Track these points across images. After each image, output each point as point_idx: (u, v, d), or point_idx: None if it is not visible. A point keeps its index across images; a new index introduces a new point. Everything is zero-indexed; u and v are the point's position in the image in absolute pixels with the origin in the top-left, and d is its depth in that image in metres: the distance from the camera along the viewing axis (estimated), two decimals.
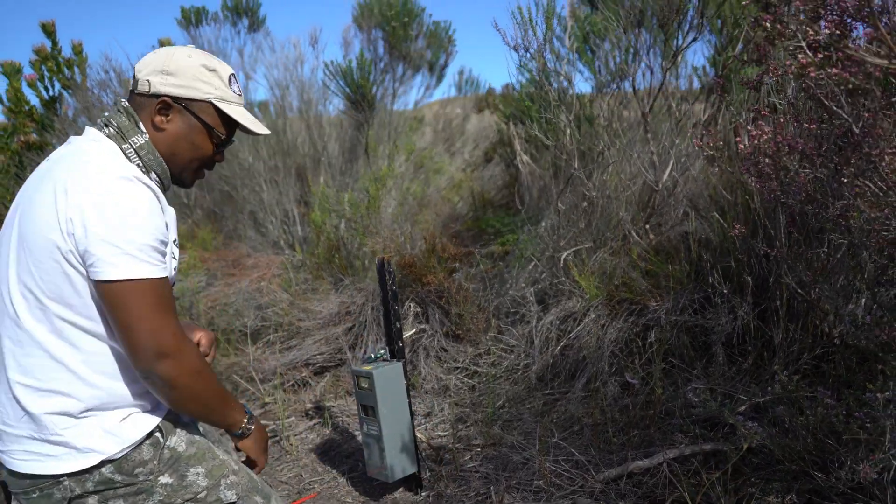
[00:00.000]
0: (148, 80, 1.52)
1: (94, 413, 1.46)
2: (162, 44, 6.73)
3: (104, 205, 1.37)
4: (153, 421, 1.51)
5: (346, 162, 5.57)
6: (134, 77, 1.57)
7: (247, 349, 3.51)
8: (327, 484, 2.60)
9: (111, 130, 1.52)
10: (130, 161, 1.50)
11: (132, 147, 1.51)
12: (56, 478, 1.45)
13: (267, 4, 5.85)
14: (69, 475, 1.45)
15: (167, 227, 1.46)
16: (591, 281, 2.94)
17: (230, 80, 1.57)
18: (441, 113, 7.71)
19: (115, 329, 1.41)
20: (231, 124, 1.58)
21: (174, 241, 1.56)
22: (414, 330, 3.26)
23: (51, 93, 7.38)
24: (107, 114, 1.57)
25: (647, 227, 3.10)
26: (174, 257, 1.54)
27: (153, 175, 1.54)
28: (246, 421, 1.60)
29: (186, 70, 1.52)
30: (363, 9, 5.15)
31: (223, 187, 5.52)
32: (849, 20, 1.34)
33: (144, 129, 1.54)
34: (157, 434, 1.52)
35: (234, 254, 4.46)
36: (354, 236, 3.90)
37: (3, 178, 7.33)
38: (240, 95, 1.60)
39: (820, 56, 1.39)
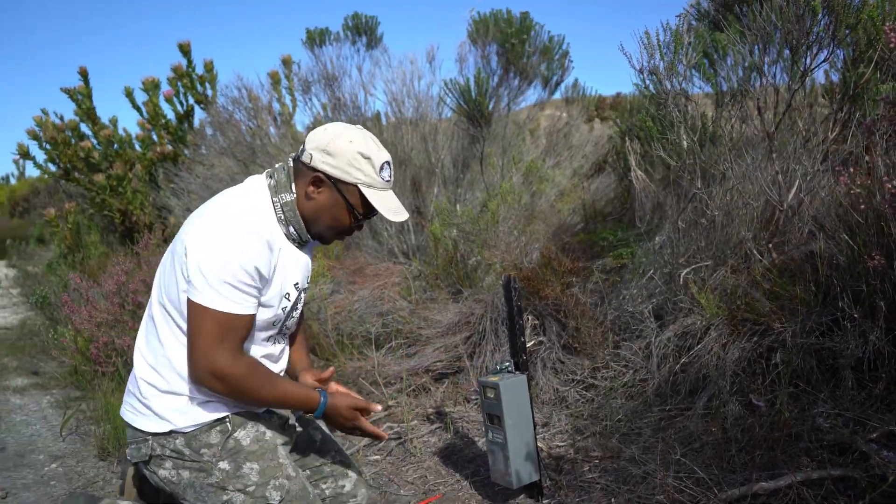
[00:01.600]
0: (311, 154, 1.76)
1: (174, 394, 1.75)
2: (284, 61, 7.15)
3: (214, 241, 1.63)
4: (224, 411, 1.79)
5: (459, 173, 5.74)
6: (303, 145, 1.80)
7: (371, 354, 3.72)
8: (451, 486, 2.74)
9: (272, 182, 1.79)
10: (275, 212, 1.77)
11: (279, 202, 1.77)
12: (143, 434, 1.77)
13: (385, 23, 6.11)
14: (152, 435, 1.76)
15: (274, 269, 1.72)
16: (712, 299, 2.95)
17: (382, 168, 1.77)
18: (550, 123, 7.76)
19: (186, 339, 1.70)
20: (371, 206, 1.78)
21: (295, 285, 1.84)
22: (532, 342, 3.37)
23: (184, 107, 7.98)
24: (277, 165, 1.84)
25: (770, 246, 3.07)
26: (287, 299, 1.82)
27: (291, 229, 1.79)
28: (318, 410, 1.81)
29: (344, 154, 1.73)
30: (478, 25, 5.30)
31: None
32: None
33: (295, 191, 1.78)
34: (227, 423, 1.79)
35: (356, 263, 4.70)
36: (471, 248, 4.05)
37: (141, 185, 7.98)
38: (388, 181, 1.80)
39: None
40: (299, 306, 1.93)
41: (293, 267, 1.83)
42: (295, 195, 1.78)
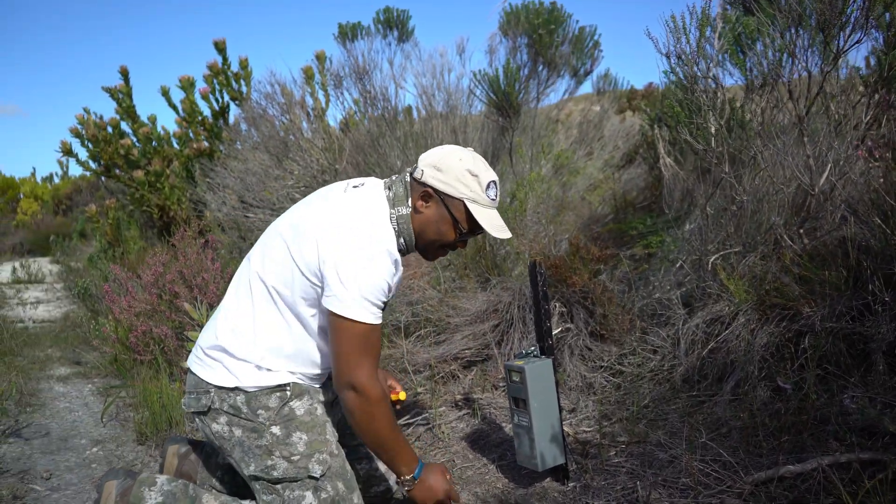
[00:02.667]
0: (423, 170, 1.87)
1: (246, 361, 1.86)
2: (318, 57, 7.24)
3: (358, 258, 1.72)
4: (287, 378, 1.89)
5: (489, 164, 5.75)
6: (417, 162, 1.92)
7: (400, 342, 3.76)
8: (478, 470, 2.77)
9: (390, 194, 1.89)
10: (391, 223, 1.86)
11: (396, 214, 1.87)
12: (207, 385, 1.87)
13: (416, 16, 6.16)
14: (216, 388, 1.86)
15: (393, 287, 1.82)
16: (741, 285, 2.93)
17: (488, 186, 1.87)
18: (580, 112, 7.74)
19: (330, 348, 1.80)
20: (476, 222, 1.87)
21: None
22: (559, 329, 3.38)
23: (220, 104, 8.13)
24: (395, 177, 1.94)
25: (802, 231, 3.04)
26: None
27: (401, 240, 1.89)
28: (409, 477, 1.86)
29: (453, 170, 1.84)
30: (509, 16, 5.31)
31: None
32: None
33: (410, 205, 1.88)
34: (287, 391, 1.89)
35: None
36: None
37: (178, 181, 8.15)
38: (493, 200, 1.89)
39: None
40: None
41: (399, 279, 1.94)
42: (410, 209, 1.88)
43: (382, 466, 2.23)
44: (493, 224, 1.88)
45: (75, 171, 19.70)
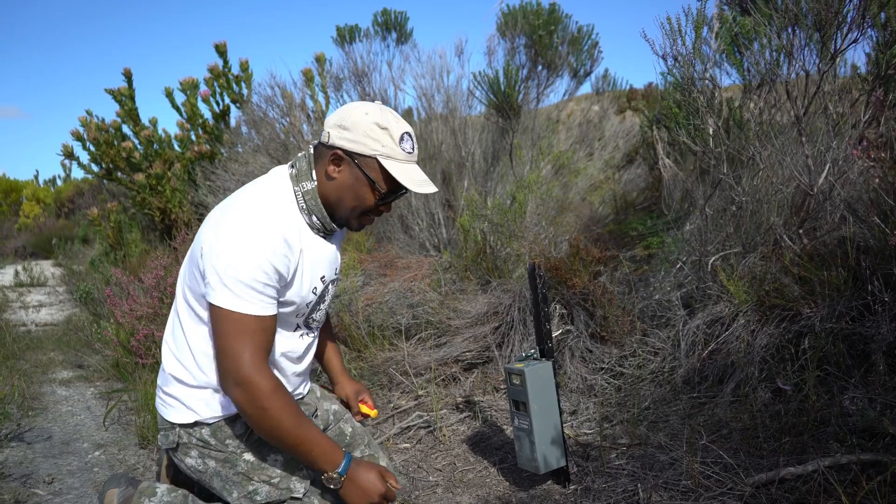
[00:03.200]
0: (328, 132, 1.70)
1: (200, 387, 1.75)
2: (317, 59, 7.24)
3: (230, 240, 1.59)
4: None
5: (489, 166, 5.76)
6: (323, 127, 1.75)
7: (401, 345, 3.77)
8: (479, 473, 2.77)
9: (293, 171, 1.74)
10: (297, 202, 1.72)
11: (300, 190, 1.72)
12: (170, 423, 1.79)
13: (414, 18, 6.16)
14: (179, 425, 1.78)
15: (285, 269, 1.64)
16: (741, 286, 2.93)
17: (402, 139, 1.68)
18: (580, 112, 7.74)
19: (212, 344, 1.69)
20: (395, 180, 1.68)
21: (322, 278, 1.79)
22: (560, 331, 3.38)
23: (221, 107, 8.14)
24: (300, 154, 1.78)
25: (801, 231, 3.04)
26: (314, 293, 1.78)
27: (314, 218, 1.73)
28: (334, 474, 1.66)
29: (359, 126, 1.66)
30: (507, 17, 5.31)
31: None
32: None
33: (315, 177, 1.72)
34: None
35: (387, 256, 4.76)
36: (500, 240, 4.07)
37: (179, 184, 8.16)
38: (410, 153, 1.71)
39: None
40: (327, 298, 1.90)
41: (320, 260, 1.79)
42: (316, 182, 1.72)
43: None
44: (414, 179, 1.69)
45: (77, 173, 19.73)
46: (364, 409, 2.22)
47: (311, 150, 1.77)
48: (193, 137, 8.24)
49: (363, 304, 4.02)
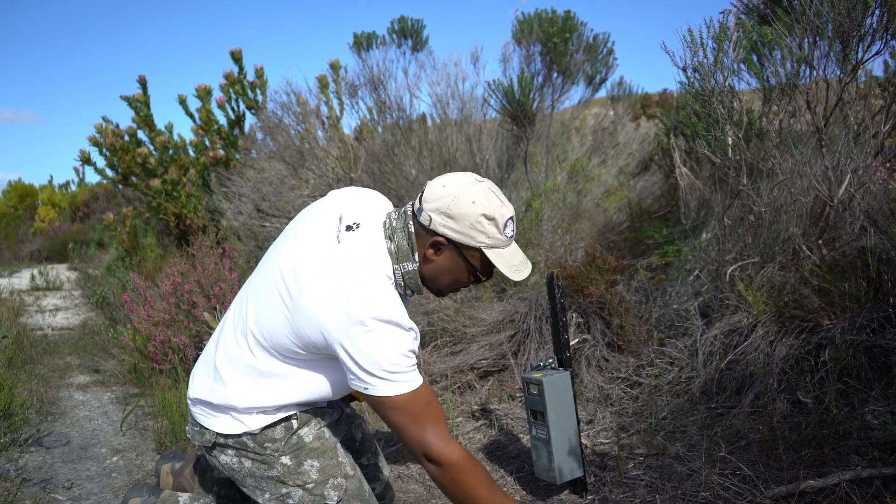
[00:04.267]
0: (430, 216, 1.65)
1: (259, 412, 1.77)
2: (332, 66, 7.28)
3: (373, 341, 1.55)
4: (292, 410, 1.80)
5: (504, 173, 5.77)
6: (420, 202, 1.68)
7: (417, 352, 3.77)
8: (496, 482, 2.77)
9: (392, 246, 1.69)
10: (395, 280, 1.69)
11: (401, 270, 1.69)
12: (214, 432, 1.79)
13: (430, 26, 6.19)
14: (223, 434, 1.79)
15: (417, 347, 1.66)
16: (759, 296, 2.92)
17: (506, 226, 1.67)
18: (596, 121, 7.73)
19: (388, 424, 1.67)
20: (493, 264, 1.68)
21: None
22: (576, 340, 3.38)
23: (236, 113, 8.20)
24: (394, 223, 1.71)
25: (820, 242, 3.02)
26: None
27: (407, 291, 1.74)
28: None
29: (467, 218, 1.62)
30: (523, 25, 5.32)
31: (389, 198, 5.89)
32: None
33: (417, 258, 1.69)
34: (293, 421, 1.81)
35: None
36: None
37: (194, 189, 8.22)
38: (510, 238, 1.70)
39: None
40: None
41: None
42: (418, 263, 1.70)
43: (379, 487, 2.18)
44: (513, 266, 1.69)
45: (92, 178, 19.87)
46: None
47: (411, 227, 1.70)
48: (208, 143, 8.30)
49: None
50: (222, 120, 8.29)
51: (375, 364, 1.56)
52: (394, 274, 1.69)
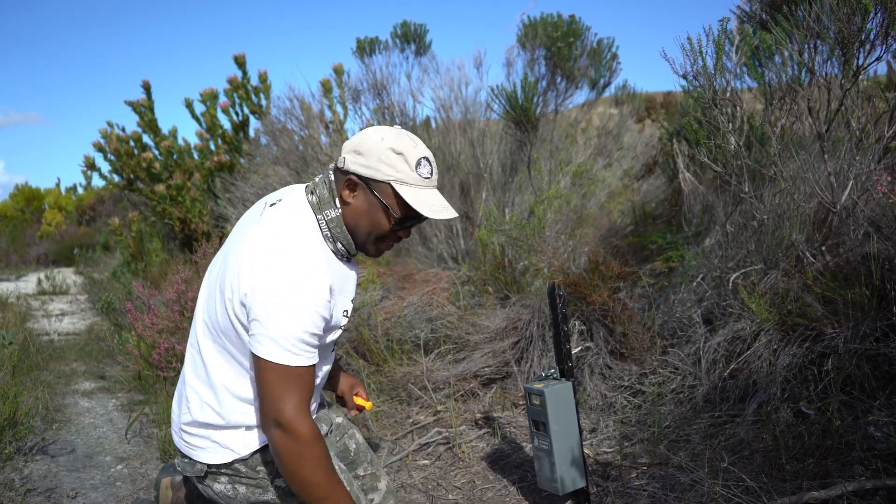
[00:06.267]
0: (344, 157, 1.68)
1: (233, 427, 1.73)
2: (336, 70, 7.29)
3: (278, 296, 1.55)
4: None
5: (507, 177, 5.76)
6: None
7: (420, 359, 3.77)
8: (499, 491, 2.77)
9: (314, 199, 1.71)
10: (320, 231, 1.69)
11: (325, 219, 1.69)
12: (204, 464, 1.77)
13: (433, 30, 6.19)
14: (215, 465, 1.76)
15: (331, 312, 1.65)
16: (762, 304, 2.90)
17: (418, 164, 1.65)
18: (600, 121, 7.71)
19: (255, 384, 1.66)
20: (409, 206, 1.64)
21: (351, 301, 1.79)
22: (579, 348, 3.37)
23: (240, 118, 8.22)
24: (317, 179, 1.75)
25: (823, 248, 3.01)
26: (346, 316, 1.77)
27: (339, 245, 1.72)
28: None
29: (374, 152, 1.63)
30: (527, 29, 5.32)
31: None
32: None
33: (338, 204, 1.69)
34: None
35: (406, 269, 4.77)
36: (519, 253, 4.07)
37: (199, 194, 8.24)
38: (427, 178, 1.67)
39: None
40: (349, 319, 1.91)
41: (348, 287, 1.79)
42: (339, 209, 1.70)
43: (378, 496, 2.16)
44: (430, 205, 1.65)
45: (98, 181, 19.97)
46: (359, 401, 2.21)
47: (331, 175, 1.74)
48: (213, 147, 8.32)
49: (382, 318, 4.03)
50: (226, 124, 8.32)
51: (280, 326, 1.55)
52: (320, 226, 1.70)
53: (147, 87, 8.30)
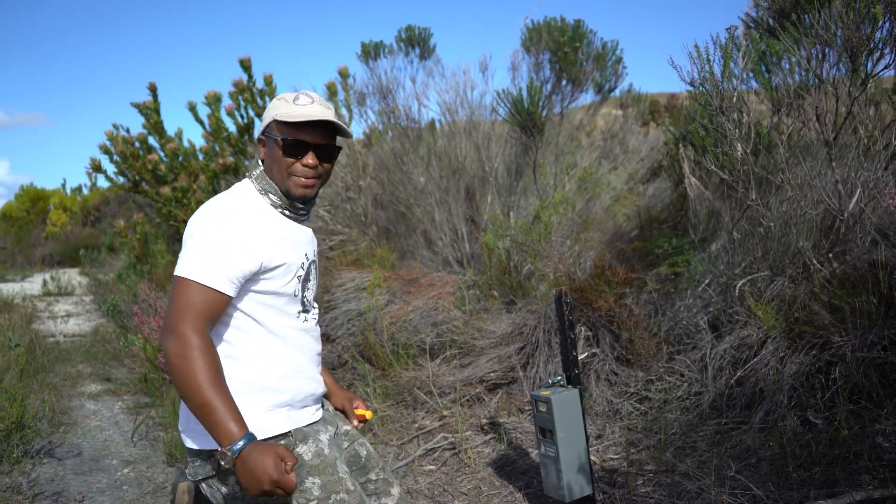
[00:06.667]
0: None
1: (240, 394, 1.73)
2: (341, 73, 7.30)
3: (196, 225, 1.72)
4: (289, 425, 1.80)
5: (513, 180, 5.76)
6: None
7: (426, 364, 3.78)
8: (505, 498, 2.77)
9: (251, 172, 1.91)
10: (254, 186, 1.85)
11: (252, 177, 1.86)
12: (206, 451, 1.75)
13: (438, 34, 6.20)
14: (217, 450, 1.70)
15: (265, 243, 1.75)
16: (769, 311, 2.90)
17: (296, 98, 1.81)
18: (605, 123, 7.71)
19: None
20: (294, 128, 1.79)
21: (305, 255, 1.89)
22: (585, 353, 3.37)
23: (245, 120, 8.23)
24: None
25: (830, 255, 3.01)
26: (302, 268, 1.86)
27: (271, 196, 1.85)
28: (227, 450, 1.58)
29: (268, 111, 1.84)
30: (532, 33, 5.32)
31: (397, 207, 5.91)
32: None
33: (261, 164, 1.89)
34: (291, 438, 1.79)
35: (411, 273, 4.78)
36: (524, 258, 4.07)
37: (204, 196, 8.25)
38: (305, 105, 1.80)
39: None
40: (312, 278, 1.98)
41: (299, 240, 1.90)
42: (260, 166, 1.87)
43: (391, 502, 2.18)
44: (299, 114, 1.78)
45: (104, 183, 20.05)
46: (359, 412, 2.24)
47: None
48: (218, 149, 8.33)
49: (388, 322, 4.03)
50: (232, 127, 8.33)
51: (193, 244, 1.69)
52: (254, 185, 1.85)
53: (153, 90, 8.31)
